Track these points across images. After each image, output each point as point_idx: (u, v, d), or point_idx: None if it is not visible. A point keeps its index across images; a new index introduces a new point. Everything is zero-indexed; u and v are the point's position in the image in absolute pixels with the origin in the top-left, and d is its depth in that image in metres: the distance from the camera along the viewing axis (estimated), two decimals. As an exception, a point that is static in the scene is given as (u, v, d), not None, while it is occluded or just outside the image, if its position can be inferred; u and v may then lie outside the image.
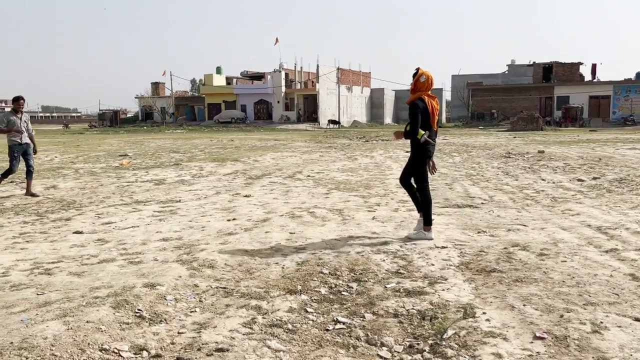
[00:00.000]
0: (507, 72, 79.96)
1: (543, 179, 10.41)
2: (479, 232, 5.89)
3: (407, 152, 7.03)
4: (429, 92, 5.61)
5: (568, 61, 48.70)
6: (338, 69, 56.56)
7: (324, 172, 12.41)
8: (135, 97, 71.30)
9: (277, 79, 57.18)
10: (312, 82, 57.92)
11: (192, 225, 6.51)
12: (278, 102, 57.71)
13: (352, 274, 4.48)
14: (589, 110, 46.42)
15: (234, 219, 6.82)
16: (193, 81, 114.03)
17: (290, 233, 5.95)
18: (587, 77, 49.25)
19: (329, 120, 52.13)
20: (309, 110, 57.34)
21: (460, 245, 5.37)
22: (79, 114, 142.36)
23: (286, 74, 58.49)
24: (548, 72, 49.22)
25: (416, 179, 5.76)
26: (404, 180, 5.87)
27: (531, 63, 73.08)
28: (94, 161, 15.97)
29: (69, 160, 16.46)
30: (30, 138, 9.35)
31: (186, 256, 5.03)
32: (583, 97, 47.06)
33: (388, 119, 67.32)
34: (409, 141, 5.69)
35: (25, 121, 9.26)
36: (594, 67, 48.73)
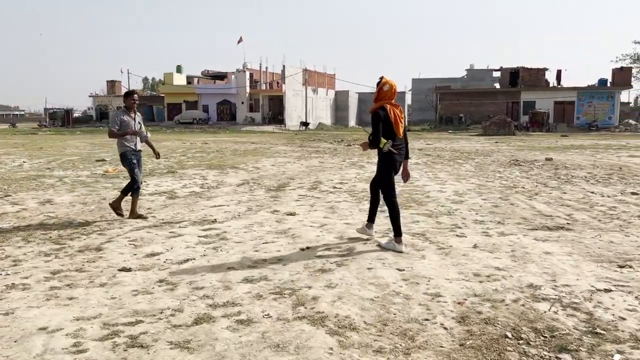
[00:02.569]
0: (466, 76, 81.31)
1: (593, 192, 9.68)
2: (622, 266, 4.97)
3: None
4: (392, 101, 5.58)
5: (534, 67, 49.37)
6: (305, 70, 55.50)
7: (345, 182, 11.32)
8: (90, 96, 67.90)
9: (241, 79, 55.54)
10: (278, 83, 56.64)
11: (263, 257, 5.31)
12: (242, 102, 56.05)
13: (542, 337, 3.44)
14: (554, 116, 47.17)
15: (307, 248, 5.66)
16: (145, 80, 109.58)
17: (399, 270, 4.86)
18: (552, 82, 50.09)
19: (300, 122, 51.00)
20: (275, 112, 55.98)
21: (621, 285, 4.42)
22: (21, 112, 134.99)
23: (250, 74, 56.93)
24: (515, 77, 49.75)
25: (382, 191, 5.71)
26: (373, 186, 5.92)
27: (489, 68, 74.56)
28: (72, 167, 14.28)
29: (42, 166, 14.68)
30: (147, 142, 7.67)
31: (305, 309, 3.85)
32: (548, 103, 47.81)
33: (352, 122, 66.80)
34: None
35: (139, 122, 7.49)
36: (558, 73, 49.68)
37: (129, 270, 4.93)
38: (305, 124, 50.88)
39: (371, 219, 6.02)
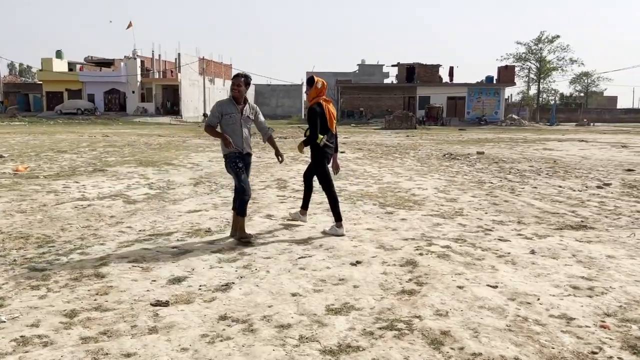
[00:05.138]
0: (357, 71, 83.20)
1: (561, 187, 9.80)
2: (699, 270, 4.76)
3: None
4: (325, 97, 5.87)
5: (429, 63, 51.41)
6: (202, 58, 53.12)
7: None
8: (-52, 81, 59.61)
9: (131, 66, 51.90)
10: (172, 71, 53.72)
11: (318, 276, 4.42)
12: (133, 92, 52.40)
13: None
14: (447, 110, 49.51)
15: (358, 262, 4.85)
16: (11, 65, 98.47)
17: (491, 287, 4.24)
18: (445, 79, 52.54)
19: (203, 114, 48.69)
20: (170, 102, 53.05)
21: None
22: None
23: (142, 62, 53.41)
24: (411, 72, 51.44)
25: (320, 182, 5.96)
26: (307, 176, 6.24)
27: (379, 63, 76.78)
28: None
29: None
30: (269, 140, 5.89)
31: (453, 351, 3.09)
32: (442, 98, 50.07)
33: (249, 114, 65.34)
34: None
35: (249, 116, 5.62)
36: (451, 69, 52.15)
37: (166, 304, 3.82)
38: (205, 115, 48.71)
39: (305, 206, 6.39)
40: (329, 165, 6.04)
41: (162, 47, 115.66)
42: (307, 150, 6.07)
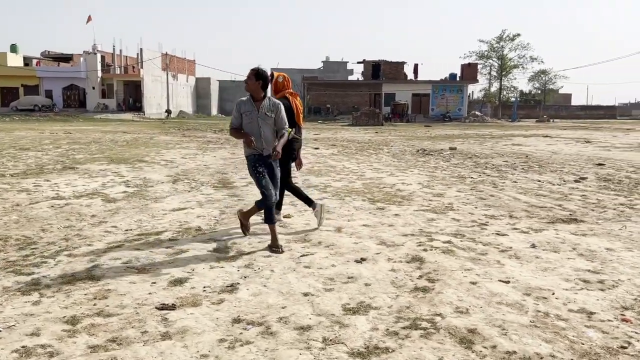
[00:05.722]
0: (322, 68, 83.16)
1: (540, 181, 9.93)
2: (697, 261, 4.83)
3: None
4: (291, 91, 5.87)
5: (394, 60, 51.76)
6: (165, 54, 52.02)
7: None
8: None
9: (91, 61, 50.33)
10: (134, 67, 52.44)
11: (326, 275, 4.27)
12: (93, 88, 50.85)
13: None
14: (412, 107, 49.97)
15: (362, 259, 4.72)
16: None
17: (503, 282, 4.18)
18: (410, 76, 52.98)
19: (165, 110, 47.66)
20: (132, 99, 51.76)
21: None
22: None
23: (102, 57, 51.88)
24: (377, 70, 51.67)
25: (281, 174, 5.75)
26: (286, 185, 5.98)
27: (343, 60, 76.99)
28: None
29: None
30: (279, 138, 5.19)
31: (486, 349, 3.00)
32: (407, 95, 50.50)
33: (214, 110, 64.48)
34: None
35: (266, 113, 5.07)
36: (415, 66, 52.62)
37: (173, 307, 3.61)
38: (168, 111, 47.81)
39: (308, 203, 6.05)
40: (293, 164, 6.11)
41: (124, 42, 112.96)
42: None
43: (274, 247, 5.03)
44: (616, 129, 34.58)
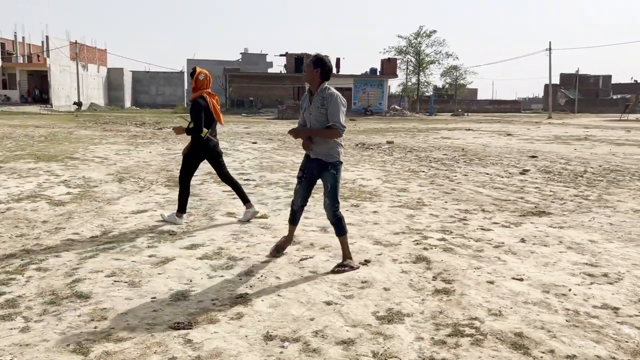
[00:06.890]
0: (241, 60, 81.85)
1: (488, 174, 10.22)
2: (675, 250, 5.08)
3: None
4: (209, 90, 5.76)
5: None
6: (74, 42, 48.77)
7: (239, 170, 9.92)
8: None
9: (-11, 49, 46.26)
10: (39, 56, 48.81)
11: (326, 279, 4.04)
12: (-8, 78, 46.78)
13: None
14: (334, 100, 50.16)
15: (366, 262, 4.53)
16: None
17: (517, 279, 4.15)
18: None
19: (74, 102, 44.68)
20: (38, 90, 48.13)
21: None
22: None
23: (2, 44, 47.85)
24: (300, 63, 51.43)
25: (183, 169, 5.87)
26: (225, 177, 6.04)
27: (262, 52, 76.26)
28: None
29: None
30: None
31: (538, 352, 2.90)
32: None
33: (128, 103, 61.43)
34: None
35: (318, 107, 4.29)
36: (337, 60, 52.89)
37: (190, 326, 3.23)
38: (78, 104, 44.94)
39: (245, 200, 6.03)
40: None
41: (26, 29, 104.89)
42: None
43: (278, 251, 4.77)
44: (526, 122, 36.76)
